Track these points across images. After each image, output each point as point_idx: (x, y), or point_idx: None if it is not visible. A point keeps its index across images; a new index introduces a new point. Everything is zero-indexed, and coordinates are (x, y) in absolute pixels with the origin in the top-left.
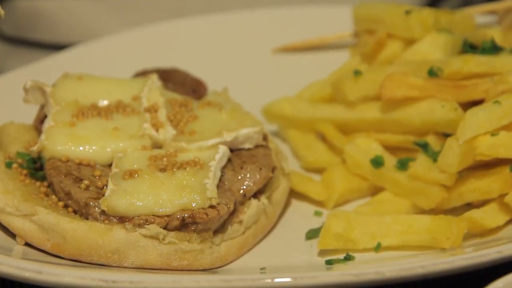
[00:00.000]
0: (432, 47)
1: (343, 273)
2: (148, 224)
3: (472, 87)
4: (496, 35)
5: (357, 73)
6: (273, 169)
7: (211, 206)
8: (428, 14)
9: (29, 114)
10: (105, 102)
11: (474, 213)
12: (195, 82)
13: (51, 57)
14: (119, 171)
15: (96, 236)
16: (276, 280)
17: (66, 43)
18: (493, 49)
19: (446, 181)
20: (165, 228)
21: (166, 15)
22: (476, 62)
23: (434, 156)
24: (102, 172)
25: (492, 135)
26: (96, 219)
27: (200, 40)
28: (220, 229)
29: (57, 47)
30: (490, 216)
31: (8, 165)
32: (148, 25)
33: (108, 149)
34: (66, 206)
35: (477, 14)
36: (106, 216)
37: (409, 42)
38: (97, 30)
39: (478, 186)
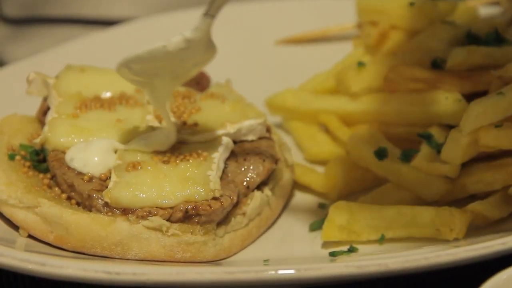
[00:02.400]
0: (435, 39)
1: (346, 264)
2: (151, 216)
3: (475, 78)
4: (500, 26)
5: (360, 64)
6: (277, 161)
7: (215, 198)
8: (432, 5)
9: (32, 106)
10: (108, 94)
11: (477, 205)
12: (198, 74)
13: (54, 49)
14: (122, 163)
15: (99, 228)
16: (280, 271)
17: (76, 16)
18: (497, 40)
19: (449, 172)
20: (168, 220)
21: (169, 7)
22: (479, 54)
23: (437, 148)
24: None
25: (496, 126)
26: (99, 211)
27: None
28: (224, 221)
29: (66, 21)
30: (494, 207)
31: (11, 157)
32: (151, 16)
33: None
34: (69, 198)
35: (480, 5)
36: (109, 208)
37: (413, 33)
38: (108, 2)
39: (481, 178)
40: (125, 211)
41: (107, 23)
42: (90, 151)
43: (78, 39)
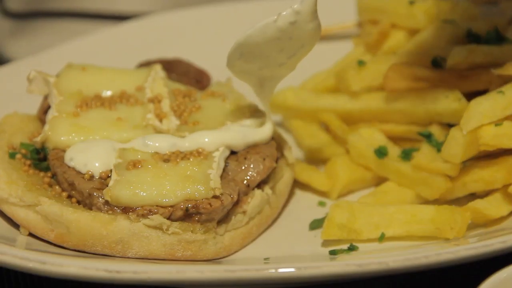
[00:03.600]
0: (435, 37)
1: (347, 263)
2: (151, 215)
3: (475, 77)
4: (500, 25)
5: (361, 63)
6: (277, 159)
7: (215, 196)
8: (432, 4)
9: (33, 105)
10: (108, 93)
11: (478, 203)
12: (198, 72)
13: (55, 47)
14: (123, 162)
15: (100, 226)
16: (280, 270)
17: (81, 11)
18: (497, 39)
19: (450, 171)
20: (168, 218)
21: (170, 5)
22: (480, 52)
23: (438, 146)
24: None
25: (496, 125)
26: (99, 209)
27: (203, 30)
28: (224, 220)
29: (70, 16)
30: (494, 206)
31: (12, 156)
32: (151, 15)
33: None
34: (69, 197)
35: (481, 4)
36: (109, 206)
37: (413, 32)
38: None
39: (482, 176)
40: (126, 210)
41: (113, 18)
42: (90, 151)
43: (81, 36)
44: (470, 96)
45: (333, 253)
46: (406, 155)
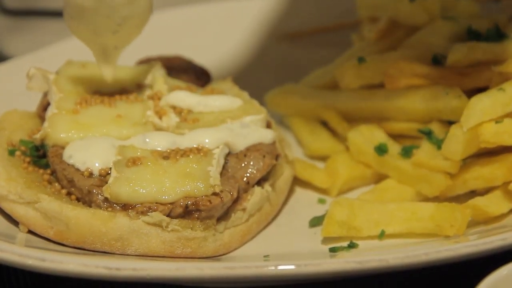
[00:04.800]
0: (436, 34)
1: (347, 260)
2: (151, 212)
3: (476, 74)
4: (501, 22)
5: (361, 60)
6: (277, 157)
7: (215, 194)
8: (433, 1)
9: (33, 102)
10: (108, 90)
11: (478, 201)
12: (198, 69)
13: (55, 44)
14: (122, 159)
15: (99, 223)
16: (280, 267)
17: None
18: (497, 36)
19: (450, 168)
20: (168, 215)
21: (170, 2)
22: (480, 49)
23: (438, 144)
24: None
25: (496, 122)
26: (99, 206)
27: (204, 27)
28: (224, 217)
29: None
30: (494, 203)
31: (11, 153)
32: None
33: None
34: (69, 194)
35: (481, 1)
36: (109, 203)
37: (413, 29)
38: None
39: (482, 174)
40: (125, 207)
41: None
42: (89, 148)
43: None
44: (470, 93)
45: (333, 250)
46: (406, 152)
